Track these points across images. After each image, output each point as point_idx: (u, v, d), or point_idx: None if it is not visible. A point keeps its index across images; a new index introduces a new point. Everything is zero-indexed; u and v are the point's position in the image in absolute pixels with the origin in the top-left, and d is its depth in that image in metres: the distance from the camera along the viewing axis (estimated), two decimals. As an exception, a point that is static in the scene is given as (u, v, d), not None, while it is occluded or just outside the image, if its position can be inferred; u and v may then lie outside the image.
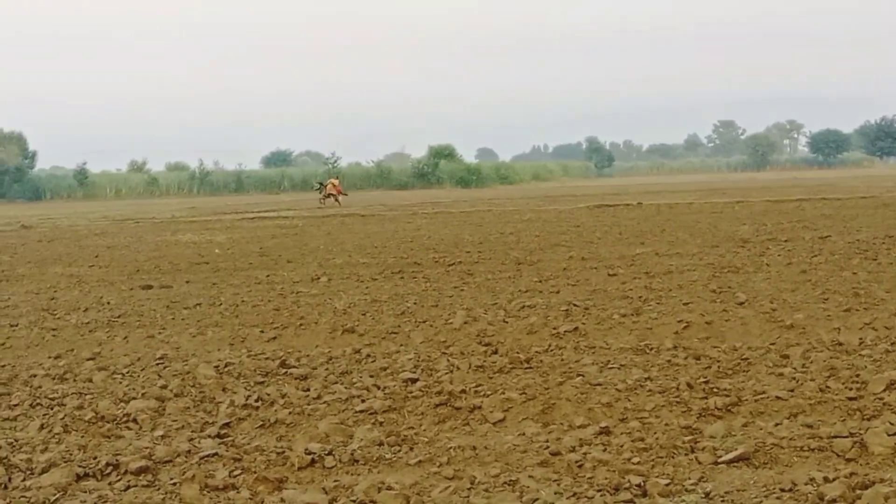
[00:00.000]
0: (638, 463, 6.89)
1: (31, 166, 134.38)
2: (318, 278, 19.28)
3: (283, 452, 7.40)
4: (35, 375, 10.48)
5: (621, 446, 7.31)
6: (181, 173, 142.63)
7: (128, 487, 6.73)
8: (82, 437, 8.09)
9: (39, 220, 55.41)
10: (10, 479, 6.91)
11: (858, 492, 6.09)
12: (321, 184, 70.75)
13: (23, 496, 6.58)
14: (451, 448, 7.50)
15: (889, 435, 7.05)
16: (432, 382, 9.61)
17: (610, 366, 10.04)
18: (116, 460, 7.18)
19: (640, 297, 14.77)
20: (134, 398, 9.21)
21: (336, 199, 65.22)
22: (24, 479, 6.93)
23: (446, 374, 9.99)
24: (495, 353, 11.02)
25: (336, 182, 69.49)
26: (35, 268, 24.10)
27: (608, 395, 8.78)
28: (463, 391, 9.15)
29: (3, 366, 11.17)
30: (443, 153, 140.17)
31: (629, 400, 8.66)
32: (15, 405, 9.22)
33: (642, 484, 6.38)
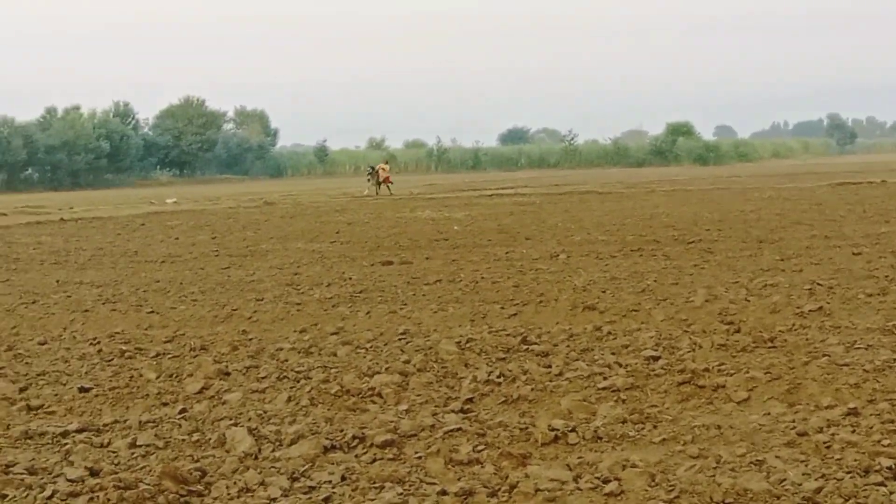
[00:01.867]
0: (888, 445, 6.66)
1: (273, 144, 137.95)
2: (557, 255, 19.28)
3: (527, 428, 7.39)
4: (281, 349, 10.71)
5: (870, 428, 7.09)
6: (419, 150, 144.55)
7: (374, 460, 6.82)
8: (328, 409, 8.23)
9: (281, 196, 56.82)
10: (259, 450, 7.06)
11: None
12: (372, 168, 62.90)
13: (272, 466, 6.72)
14: (695, 426, 7.40)
15: None
16: (674, 360, 9.49)
17: (857, 346, 9.75)
18: (362, 433, 7.29)
19: (886, 276, 14.34)
20: (378, 372, 9.32)
21: (387, 186, 59.65)
22: (273, 450, 7.07)
23: (689, 352, 9.86)
24: (738, 331, 10.82)
25: (386, 167, 63.52)
26: (278, 243, 24.69)
27: (855, 376, 8.53)
28: (706, 370, 9.01)
29: (251, 339, 11.44)
30: (680, 130, 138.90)
31: (877, 381, 8.39)
32: (263, 377, 9.43)
33: (893, 467, 6.18)
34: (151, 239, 27.62)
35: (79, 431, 7.69)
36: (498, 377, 9.02)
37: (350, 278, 16.79)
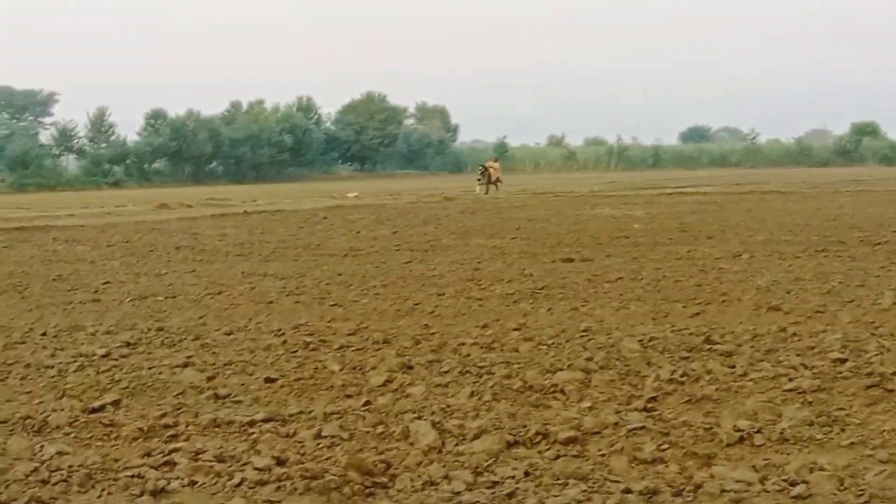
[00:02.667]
0: None
1: (453, 139, 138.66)
2: (740, 255, 19.03)
3: (711, 428, 7.31)
4: (463, 344, 10.74)
5: None
6: (598, 148, 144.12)
7: (557, 456, 6.80)
8: (511, 405, 8.24)
9: (461, 192, 57.05)
10: (443, 444, 7.10)
11: None
12: (484, 168, 60.76)
13: (456, 461, 6.75)
14: (884, 431, 7.24)
15: None
16: (862, 363, 9.29)
17: None
18: (545, 429, 7.27)
19: None
20: (560, 369, 9.30)
21: (496, 186, 58.28)
22: (456, 444, 7.11)
23: (876, 355, 9.65)
24: (929, 335, 10.56)
25: (496, 165, 61.89)
26: (458, 239, 24.80)
27: None
28: (895, 373, 8.81)
29: (433, 333, 11.51)
30: (866, 130, 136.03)
31: None
32: (445, 372, 9.48)
33: None
34: (333, 232, 27.96)
35: (265, 421, 7.82)
36: (681, 376, 8.94)
37: (531, 275, 16.79)
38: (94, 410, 8.27)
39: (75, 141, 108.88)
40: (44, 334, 11.92)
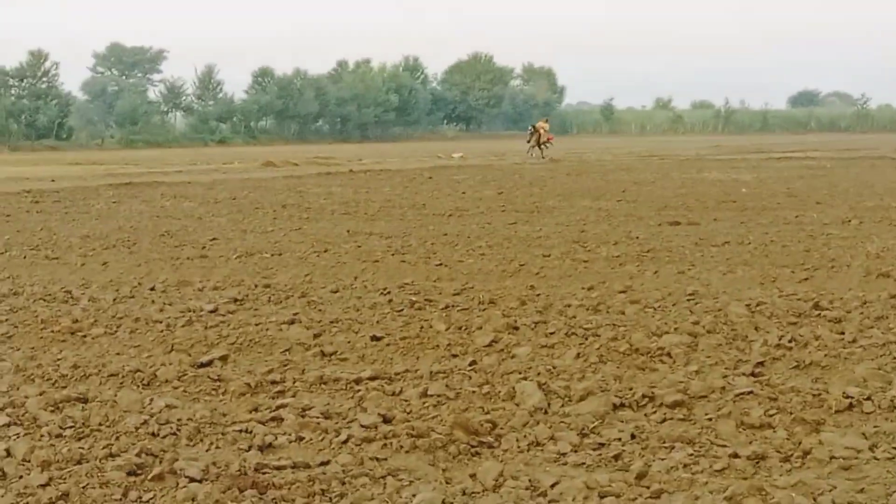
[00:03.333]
0: None
1: (559, 101, 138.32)
2: (849, 220, 18.77)
3: (819, 394, 7.22)
4: (569, 305, 10.71)
5: None
6: (705, 111, 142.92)
7: (664, 420, 6.76)
8: (617, 367, 8.20)
9: (566, 153, 56.88)
10: (549, 405, 7.09)
11: None
12: (533, 127, 58.27)
13: (562, 422, 6.74)
14: None
15: None
16: (977, 332, 9.14)
17: None
18: (652, 392, 7.23)
19: None
20: (666, 332, 9.23)
21: (544, 146, 55.34)
22: (562, 406, 7.09)
23: None
24: None
25: (546, 125, 58.07)
26: (563, 200, 24.71)
27: None
28: None
29: (539, 294, 11.47)
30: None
31: None
32: (551, 333, 9.45)
33: None
34: (438, 192, 27.99)
35: (371, 379, 7.86)
36: (789, 342, 8.83)
37: (637, 237, 16.69)
38: (202, 365, 8.37)
39: (183, 98, 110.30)
40: (152, 289, 12.08)
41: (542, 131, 56.02)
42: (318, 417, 6.79)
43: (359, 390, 7.59)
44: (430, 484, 5.67)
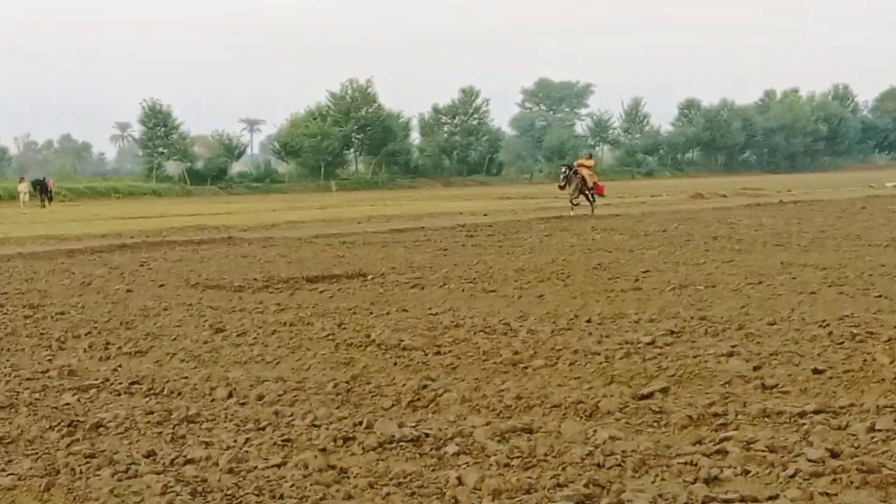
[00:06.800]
0: None
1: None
2: None
3: None
4: None
5: None
6: None
7: None
8: None
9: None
10: None
11: None
12: (569, 168, 40.91)
13: None
14: None
15: None
16: None
17: None
18: None
19: None
20: None
21: (589, 196, 39.45)
22: None
23: None
24: None
25: (590, 163, 41.55)
26: None
27: None
28: None
29: None
30: None
31: None
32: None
33: None
34: (873, 223, 27.21)
35: (816, 413, 7.70)
36: None
37: None
38: (643, 397, 8.43)
39: (610, 132, 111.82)
40: (589, 321, 12.25)
41: (584, 174, 39.87)
42: (763, 451, 6.71)
43: (803, 424, 7.46)
44: (885, 521, 5.53)
